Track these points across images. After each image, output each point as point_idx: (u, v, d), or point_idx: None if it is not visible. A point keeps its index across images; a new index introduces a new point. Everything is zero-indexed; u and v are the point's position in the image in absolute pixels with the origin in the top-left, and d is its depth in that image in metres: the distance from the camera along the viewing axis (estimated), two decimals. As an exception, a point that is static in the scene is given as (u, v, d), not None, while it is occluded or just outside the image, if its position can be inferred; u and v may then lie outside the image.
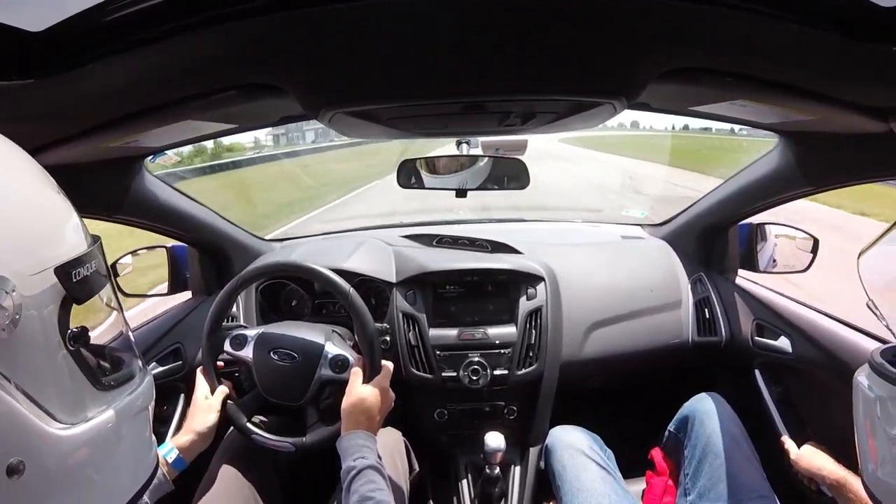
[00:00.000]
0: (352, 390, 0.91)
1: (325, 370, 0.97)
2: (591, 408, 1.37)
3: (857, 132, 0.74)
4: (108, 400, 0.48)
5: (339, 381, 0.96)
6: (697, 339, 1.30)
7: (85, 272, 0.46)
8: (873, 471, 0.56)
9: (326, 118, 0.63)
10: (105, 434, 0.47)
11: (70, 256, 0.45)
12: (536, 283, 1.27)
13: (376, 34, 0.46)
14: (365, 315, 0.98)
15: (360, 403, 0.89)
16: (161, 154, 1.05)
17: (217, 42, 0.46)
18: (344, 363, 0.97)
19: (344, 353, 0.98)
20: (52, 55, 0.46)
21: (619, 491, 0.95)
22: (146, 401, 0.54)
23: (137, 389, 0.52)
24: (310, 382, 0.97)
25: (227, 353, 1.02)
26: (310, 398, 0.98)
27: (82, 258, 0.46)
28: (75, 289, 0.44)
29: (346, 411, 0.89)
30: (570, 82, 0.57)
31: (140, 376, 0.54)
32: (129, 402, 0.50)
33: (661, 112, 0.86)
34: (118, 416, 0.48)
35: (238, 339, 1.02)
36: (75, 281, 0.44)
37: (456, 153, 1.13)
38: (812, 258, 1.25)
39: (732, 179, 1.24)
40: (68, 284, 0.44)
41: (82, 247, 0.47)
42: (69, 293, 0.44)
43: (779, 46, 0.49)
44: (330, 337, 1.02)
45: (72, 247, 0.46)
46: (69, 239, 0.46)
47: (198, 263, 1.35)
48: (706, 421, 0.98)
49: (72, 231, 0.47)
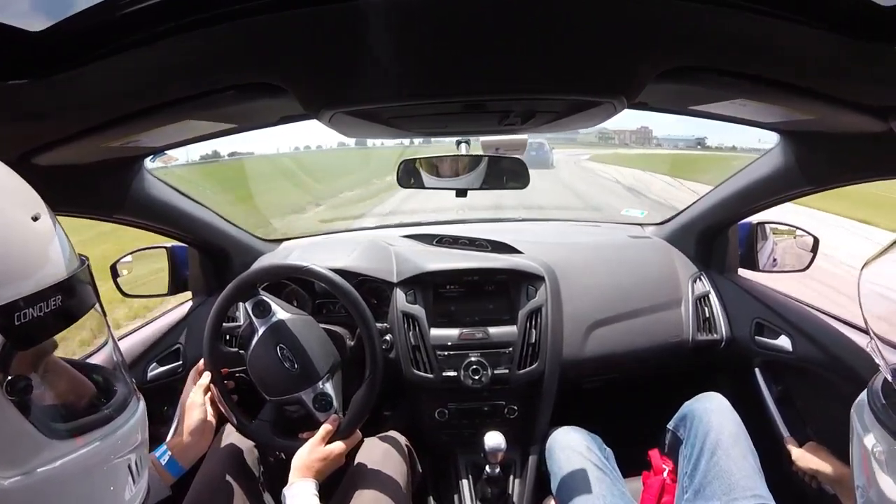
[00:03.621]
0: (316, 444, 0.94)
1: (307, 396, 0.99)
2: (591, 407, 1.37)
3: (857, 131, 0.74)
4: (67, 447, 0.42)
5: (311, 413, 0.99)
6: (697, 338, 1.30)
7: (35, 313, 0.39)
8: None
9: (326, 118, 0.63)
10: (53, 487, 0.41)
11: (7, 298, 0.38)
12: (537, 283, 1.27)
13: (376, 33, 0.45)
14: (376, 383, 1.01)
15: (319, 461, 0.91)
16: (161, 154, 1.05)
17: (217, 41, 0.46)
18: (326, 405, 0.99)
19: (332, 396, 1.00)
20: (52, 55, 0.45)
21: (617, 491, 0.95)
22: (115, 450, 0.47)
23: (117, 431, 0.46)
24: (290, 392, 0.99)
25: (245, 308, 1.02)
26: (278, 401, 1.00)
27: (30, 297, 0.39)
28: (18, 334, 0.39)
29: (302, 463, 0.91)
30: (570, 81, 0.57)
31: (125, 414, 0.48)
32: (89, 453, 0.44)
33: (662, 111, 0.86)
34: (72, 469, 0.42)
35: (262, 307, 1.02)
36: (18, 324, 0.39)
37: (456, 153, 1.13)
38: (812, 257, 1.25)
39: (732, 179, 1.23)
40: (8, 330, 0.38)
41: (32, 284, 0.40)
42: (10, 340, 0.39)
43: (779, 46, 0.49)
44: (333, 372, 1.03)
45: (16, 286, 0.39)
46: (16, 275, 0.40)
47: (198, 264, 1.35)
48: (706, 419, 0.98)
49: (23, 264, 0.40)
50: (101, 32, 0.44)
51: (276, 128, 0.88)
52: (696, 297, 1.34)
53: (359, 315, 0.99)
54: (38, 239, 0.42)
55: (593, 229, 1.79)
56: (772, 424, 1.18)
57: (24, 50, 0.45)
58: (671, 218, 1.53)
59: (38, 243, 0.42)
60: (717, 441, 0.94)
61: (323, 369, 1.00)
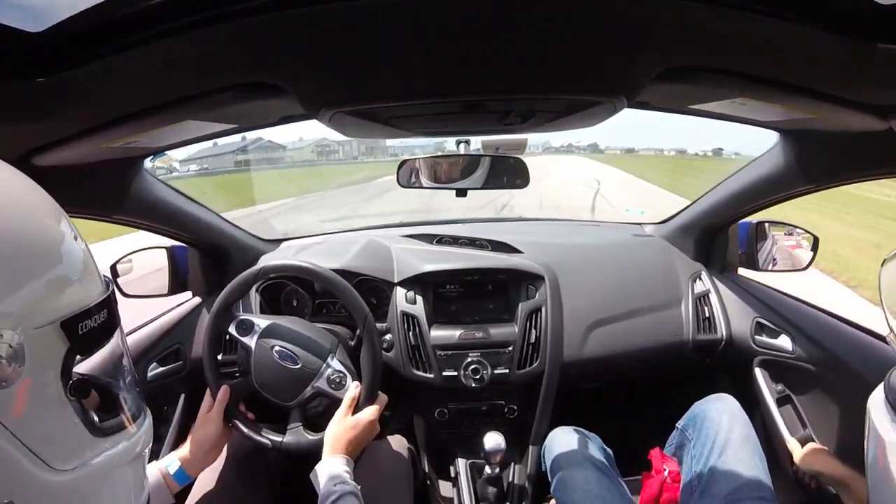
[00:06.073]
0: (344, 415, 0.92)
1: (321, 382, 0.97)
2: (591, 407, 1.37)
3: (856, 130, 0.74)
4: (104, 446, 0.46)
5: (332, 397, 0.97)
6: (697, 337, 1.30)
7: (92, 324, 0.44)
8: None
9: (326, 117, 0.63)
10: (98, 480, 0.46)
11: (78, 308, 0.43)
12: (536, 283, 1.27)
13: (376, 33, 0.45)
14: (376, 343, 0.99)
15: (348, 431, 0.90)
16: (161, 154, 1.05)
17: (217, 41, 0.46)
18: (341, 381, 0.97)
19: (344, 371, 0.98)
20: (52, 55, 0.45)
21: (616, 491, 0.95)
22: (144, 445, 0.52)
23: (136, 434, 0.51)
24: (303, 388, 0.97)
25: (230, 334, 1.01)
26: (299, 403, 0.98)
27: (90, 310, 0.44)
28: (81, 341, 0.43)
29: (333, 436, 0.89)
30: (570, 81, 0.57)
31: (140, 420, 0.53)
32: (126, 448, 0.49)
33: (662, 111, 0.86)
34: (113, 463, 0.47)
35: (245, 325, 1.02)
36: (82, 333, 0.43)
37: (456, 153, 1.13)
38: (812, 256, 1.25)
39: (732, 178, 1.24)
40: (74, 337, 0.42)
41: (92, 296, 0.45)
42: (74, 346, 0.42)
43: (779, 45, 0.49)
44: (334, 350, 1.02)
45: (80, 297, 0.43)
46: (78, 288, 0.44)
47: (198, 263, 1.35)
48: (717, 419, 0.98)
49: (82, 279, 0.44)
50: (100, 32, 0.44)
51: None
52: (696, 296, 1.34)
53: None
54: (84, 256, 0.46)
55: (593, 229, 1.79)
56: (772, 424, 1.18)
57: (24, 50, 0.45)
58: (671, 217, 1.53)
59: (85, 260, 0.46)
60: (727, 441, 0.94)
61: (323, 350, 1.00)
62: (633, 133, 25.71)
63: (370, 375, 0.97)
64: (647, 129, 31.21)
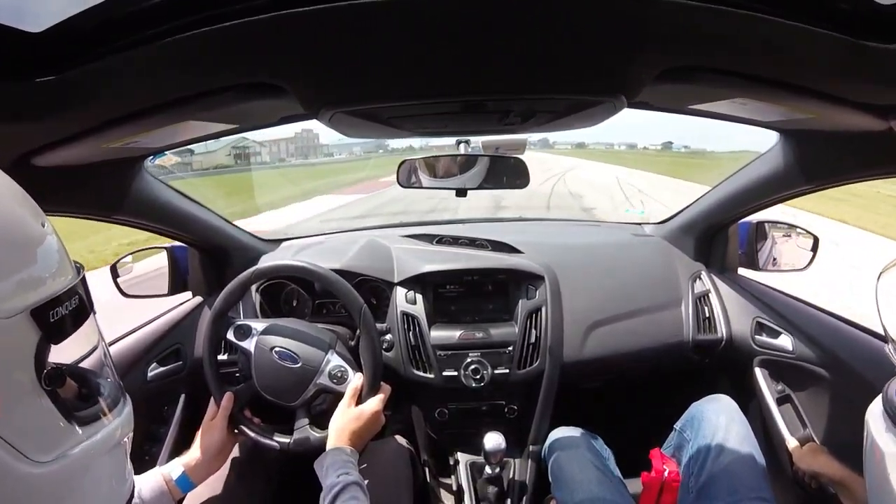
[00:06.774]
0: (347, 408, 0.91)
1: (323, 378, 0.97)
2: (591, 407, 1.37)
3: (857, 130, 0.74)
4: (83, 435, 0.46)
5: (335, 392, 0.96)
6: (697, 337, 1.30)
7: (63, 311, 0.43)
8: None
9: (326, 117, 0.63)
10: (79, 470, 0.45)
11: (47, 296, 0.42)
12: (537, 283, 1.27)
13: (376, 33, 0.45)
14: (374, 334, 0.98)
15: (352, 422, 0.89)
16: (161, 154, 1.05)
17: (217, 41, 0.46)
18: (343, 376, 0.97)
19: (344, 365, 0.98)
20: (52, 55, 0.45)
21: (616, 492, 0.95)
22: (124, 432, 0.51)
23: (115, 421, 0.50)
24: (306, 387, 0.97)
25: (228, 340, 1.01)
26: (303, 402, 0.98)
27: (60, 297, 0.43)
28: (52, 329, 0.42)
29: (337, 427, 0.89)
30: (570, 81, 0.57)
31: (119, 407, 0.52)
32: (106, 435, 0.48)
33: (662, 110, 0.86)
34: (94, 452, 0.46)
35: (242, 329, 1.02)
36: (53, 321, 0.42)
37: (456, 152, 1.13)
38: (812, 256, 1.25)
39: (732, 178, 1.24)
40: (45, 326, 0.41)
41: (62, 283, 0.44)
42: (46, 335, 0.42)
43: (779, 45, 0.49)
44: (334, 344, 1.01)
45: (49, 285, 0.42)
46: (47, 276, 0.43)
47: (198, 264, 1.35)
48: (714, 420, 0.98)
49: (51, 266, 0.44)
50: (100, 32, 0.44)
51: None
52: (696, 296, 1.34)
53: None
54: (53, 243, 0.45)
55: (593, 229, 1.79)
56: (772, 424, 1.18)
57: (24, 50, 0.45)
58: (671, 217, 1.53)
59: (54, 248, 0.45)
60: (725, 442, 0.94)
61: (322, 347, 0.99)
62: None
63: (371, 366, 0.96)
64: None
